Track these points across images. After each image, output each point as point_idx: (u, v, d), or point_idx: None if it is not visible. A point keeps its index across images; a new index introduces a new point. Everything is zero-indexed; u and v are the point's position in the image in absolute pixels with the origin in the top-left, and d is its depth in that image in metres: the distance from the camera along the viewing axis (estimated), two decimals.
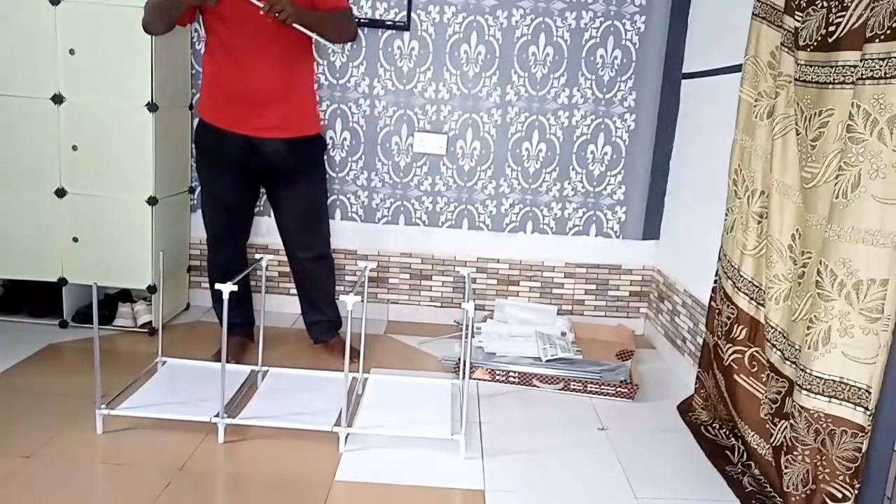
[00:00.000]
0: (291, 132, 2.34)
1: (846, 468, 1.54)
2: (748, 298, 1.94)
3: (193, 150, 2.91)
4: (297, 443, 1.93)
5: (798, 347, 1.67)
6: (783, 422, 1.72)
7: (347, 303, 1.83)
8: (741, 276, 1.96)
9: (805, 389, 1.59)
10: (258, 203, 2.79)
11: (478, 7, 2.85)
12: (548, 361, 2.47)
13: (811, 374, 1.57)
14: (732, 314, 1.98)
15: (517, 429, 2.14)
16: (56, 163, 2.59)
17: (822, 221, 1.60)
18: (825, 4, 1.61)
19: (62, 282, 2.67)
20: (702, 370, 2.21)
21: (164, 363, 2.24)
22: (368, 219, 3.04)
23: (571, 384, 2.41)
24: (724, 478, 1.90)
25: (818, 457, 1.58)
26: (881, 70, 1.42)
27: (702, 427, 2.16)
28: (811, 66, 1.66)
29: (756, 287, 1.92)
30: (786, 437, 1.68)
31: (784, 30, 1.80)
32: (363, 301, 2.28)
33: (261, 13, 2.06)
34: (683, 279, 2.70)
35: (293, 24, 2.10)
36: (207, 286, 2.81)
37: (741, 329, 1.95)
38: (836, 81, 1.57)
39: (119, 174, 2.60)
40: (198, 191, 2.99)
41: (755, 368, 1.91)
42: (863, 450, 1.52)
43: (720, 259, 2.08)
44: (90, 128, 2.57)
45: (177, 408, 1.97)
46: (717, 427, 2.12)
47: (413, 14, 2.85)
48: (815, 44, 1.64)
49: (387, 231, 3.05)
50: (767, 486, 1.82)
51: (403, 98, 2.93)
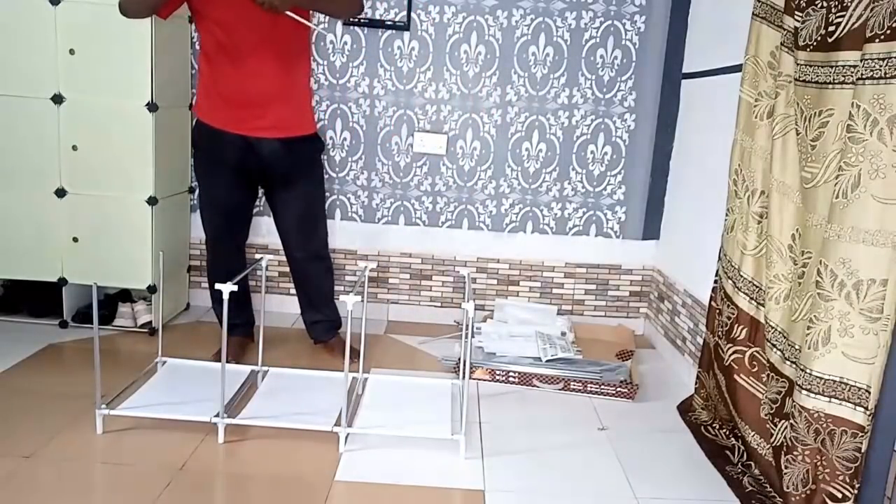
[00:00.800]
0: (289, 132, 2.33)
1: (846, 468, 1.54)
2: (748, 298, 1.94)
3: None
4: (297, 443, 1.93)
5: (798, 347, 1.67)
6: (783, 422, 1.72)
7: (347, 303, 1.83)
8: (741, 276, 1.96)
9: (805, 389, 1.59)
10: (258, 203, 2.79)
11: (478, 7, 2.85)
12: (548, 361, 2.47)
13: (811, 374, 1.57)
14: (733, 314, 1.98)
15: (517, 429, 2.14)
16: (56, 163, 2.59)
17: (822, 221, 1.60)
18: (825, 4, 1.61)
19: (62, 282, 2.67)
20: (702, 370, 2.21)
21: (164, 363, 2.24)
22: (368, 219, 3.04)
23: (571, 384, 2.41)
24: (724, 478, 1.90)
25: (818, 457, 1.58)
26: (881, 70, 1.42)
27: (702, 427, 2.16)
28: (811, 66, 1.66)
29: (756, 287, 1.92)
30: (786, 437, 1.68)
31: (784, 30, 1.80)
32: (363, 301, 2.29)
33: (255, 2, 2.00)
34: (683, 279, 2.70)
35: (286, 13, 2.04)
36: (207, 286, 2.82)
37: (741, 329, 1.95)
38: (836, 81, 1.57)
39: (119, 174, 2.60)
40: (198, 191, 2.98)
41: (755, 368, 1.91)
42: (863, 450, 1.52)
43: (720, 259, 2.08)
44: (90, 128, 2.57)
45: (177, 408, 1.97)
46: (717, 427, 2.12)
47: (413, 14, 2.85)
48: (815, 44, 1.64)
49: (387, 231, 3.05)
50: (767, 486, 1.82)
51: (403, 98, 2.93)
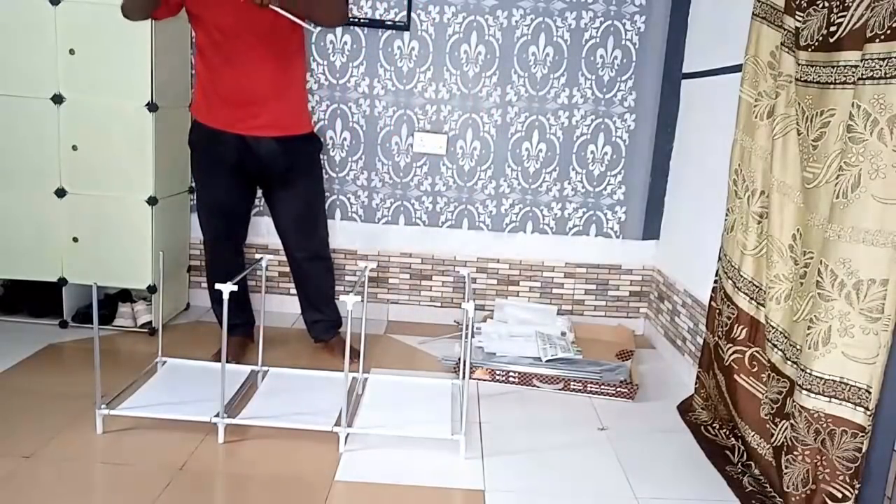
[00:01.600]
0: (285, 131, 2.33)
1: (846, 468, 1.54)
2: (748, 298, 1.94)
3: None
4: (297, 443, 1.93)
5: (799, 347, 1.67)
6: (784, 422, 1.72)
7: (347, 303, 1.83)
8: (741, 276, 1.96)
9: (805, 389, 1.59)
10: (257, 203, 2.79)
11: (478, 7, 2.85)
12: (548, 361, 2.47)
13: (811, 374, 1.57)
14: (733, 314, 1.98)
15: (517, 429, 2.14)
16: (56, 163, 2.59)
17: (823, 221, 1.60)
18: (826, 4, 1.61)
19: (62, 282, 2.67)
20: (702, 370, 2.21)
21: (164, 363, 2.24)
22: (368, 219, 3.04)
23: (571, 384, 2.41)
24: (724, 478, 1.90)
25: (818, 457, 1.58)
26: (881, 70, 1.42)
27: (702, 427, 2.16)
28: (812, 66, 1.66)
29: (756, 287, 1.92)
30: (786, 437, 1.68)
31: (784, 30, 1.80)
32: (363, 301, 2.28)
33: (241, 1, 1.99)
34: (683, 279, 2.70)
35: (270, 6, 2.02)
36: (207, 287, 2.82)
37: (741, 329, 1.95)
38: (838, 81, 1.57)
39: (119, 174, 2.60)
40: (196, 192, 2.98)
41: (755, 368, 1.91)
42: (863, 450, 1.52)
43: (720, 259, 2.08)
44: (90, 128, 2.57)
45: (177, 408, 1.97)
46: (717, 427, 2.12)
47: (413, 14, 2.85)
48: (817, 44, 1.64)
49: (387, 231, 3.05)
50: (767, 486, 1.82)
51: (403, 98, 2.93)
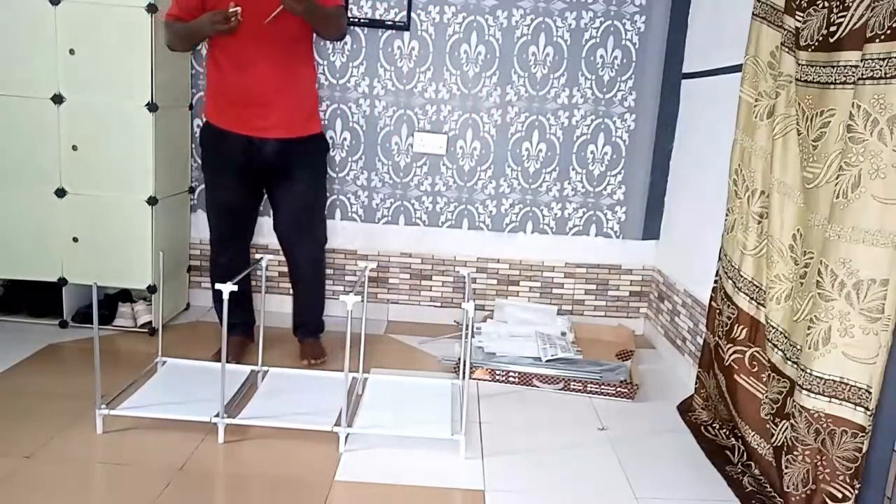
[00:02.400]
0: (294, 132, 2.35)
1: (846, 468, 1.54)
2: (748, 298, 1.94)
3: (195, 152, 2.93)
4: (297, 443, 1.93)
5: (799, 347, 1.67)
6: (784, 422, 1.72)
7: (347, 303, 1.83)
8: (741, 276, 1.96)
9: (805, 389, 1.59)
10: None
11: (478, 7, 2.85)
12: (548, 361, 2.47)
13: (811, 374, 1.57)
14: (733, 314, 1.98)
15: (517, 429, 2.14)
16: (56, 163, 2.59)
17: (823, 221, 1.60)
18: (826, 4, 1.61)
19: (62, 282, 2.67)
20: (702, 370, 2.21)
21: (164, 363, 2.24)
22: (368, 219, 3.04)
23: (571, 384, 2.41)
24: (724, 478, 1.90)
25: (818, 457, 1.58)
26: (881, 70, 1.42)
27: (702, 427, 2.16)
28: (813, 67, 1.66)
29: (756, 287, 1.91)
30: (786, 437, 1.68)
31: (784, 30, 1.80)
32: (363, 301, 2.28)
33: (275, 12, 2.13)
34: (683, 279, 2.70)
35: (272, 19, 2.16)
36: (207, 286, 2.82)
37: (742, 329, 1.95)
38: (838, 81, 1.57)
39: (119, 174, 2.60)
40: (198, 191, 2.98)
41: (755, 368, 1.91)
42: (863, 450, 1.52)
43: (720, 259, 2.08)
44: (90, 128, 2.57)
45: (177, 408, 1.97)
46: (718, 427, 2.12)
47: (413, 14, 2.85)
48: (817, 44, 1.64)
49: (387, 231, 3.05)
50: (767, 486, 1.82)
51: (403, 98, 2.93)
